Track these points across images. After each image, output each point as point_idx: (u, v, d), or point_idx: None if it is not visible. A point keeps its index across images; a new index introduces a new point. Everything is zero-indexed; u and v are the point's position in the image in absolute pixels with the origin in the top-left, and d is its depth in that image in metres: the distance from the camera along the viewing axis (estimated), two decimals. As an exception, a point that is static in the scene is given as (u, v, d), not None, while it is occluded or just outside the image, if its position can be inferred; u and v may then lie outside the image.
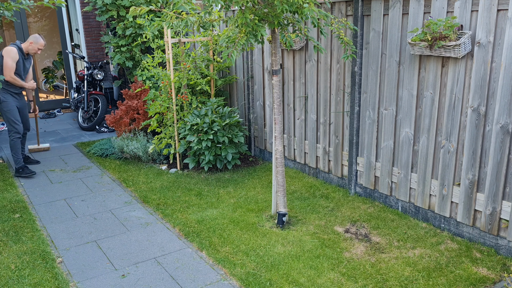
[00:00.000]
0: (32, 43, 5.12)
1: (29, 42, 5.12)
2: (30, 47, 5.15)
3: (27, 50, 5.17)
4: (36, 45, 5.15)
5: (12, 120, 5.12)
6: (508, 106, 3.12)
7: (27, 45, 5.15)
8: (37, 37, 5.17)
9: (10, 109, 5.10)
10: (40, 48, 5.18)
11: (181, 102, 5.34)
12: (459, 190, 3.54)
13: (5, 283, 3.08)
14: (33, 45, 5.14)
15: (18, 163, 5.19)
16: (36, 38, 5.17)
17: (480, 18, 3.17)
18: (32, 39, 5.16)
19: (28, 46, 5.15)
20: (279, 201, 3.83)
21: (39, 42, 5.17)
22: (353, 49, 3.60)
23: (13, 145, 5.17)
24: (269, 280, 3.08)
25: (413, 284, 3.00)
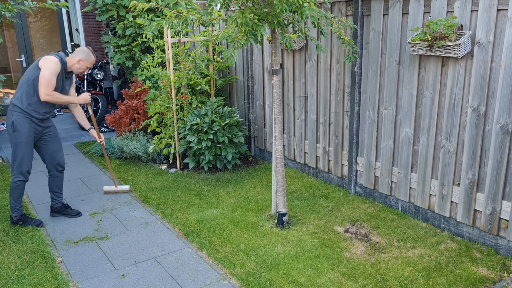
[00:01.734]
0: (81, 61, 3.77)
1: (77, 59, 3.76)
2: (77, 66, 3.79)
3: (72, 68, 3.80)
4: (86, 63, 3.82)
5: (21, 158, 3.71)
6: (508, 106, 3.12)
7: (74, 62, 3.77)
8: (87, 52, 3.82)
9: (22, 143, 3.68)
10: (89, 67, 3.88)
11: (181, 102, 5.34)
12: (459, 190, 3.54)
13: (5, 283, 3.08)
14: (82, 64, 3.80)
15: (16, 211, 3.87)
16: (86, 54, 3.80)
17: (480, 18, 3.17)
18: (81, 55, 3.78)
19: (74, 64, 3.78)
20: (279, 201, 3.83)
21: (89, 59, 3.83)
22: (354, 49, 3.60)
23: (15, 188, 3.81)
24: (269, 280, 3.08)
25: (413, 284, 3.00)
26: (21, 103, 3.67)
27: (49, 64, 3.61)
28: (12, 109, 3.69)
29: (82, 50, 3.82)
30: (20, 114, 3.66)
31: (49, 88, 3.61)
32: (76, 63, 3.78)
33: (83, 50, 3.83)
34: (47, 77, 3.59)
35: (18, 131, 3.67)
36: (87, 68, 3.86)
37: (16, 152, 3.71)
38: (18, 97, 3.67)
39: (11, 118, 3.68)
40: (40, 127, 3.80)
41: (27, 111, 3.67)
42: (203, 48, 5.67)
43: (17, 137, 3.68)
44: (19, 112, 3.67)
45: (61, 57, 3.70)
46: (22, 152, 3.71)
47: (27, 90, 3.65)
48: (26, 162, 3.75)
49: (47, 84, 3.59)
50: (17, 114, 3.66)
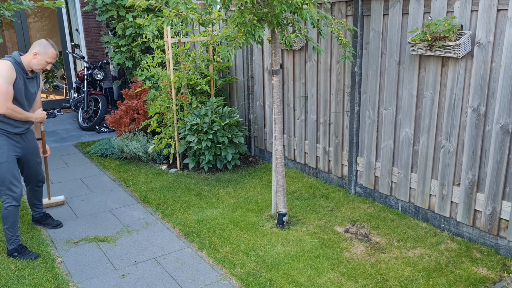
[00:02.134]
0: (37, 54, 3.27)
1: (32, 53, 3.27)
2: (35, 61, 3.29)
3: (30, 65, 3.29)
4: (44, 56, 3.30)
5: (9, 179, 3.28)
6: (508, 106, 3.12)
7: (30, 57, 3.28)
8: (44, 44, 3.33)
9: (4, 162, 3.25)
10: (49, 61, 3.35)
11: (181, 102, 5.34)
12: (459, 190, 3.54)
13: (5, 283, 3.08)
14: (39, 58, 3.29)
15: (13, 243, 3.40)
16: (42, 46, 3.31)
17: (480, 18, 3.17)
18: (37, 47, 3.30)
19: (31, 60, 3.28)
20: (279, 201, 3.83)
21: (48, 52, 3.32)
22: (351, 51, 3.60)
23: (7, 216, 3.34)
24: (269, 280, 3.08)
25: (413, 284, 3.00)
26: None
27: (0, 71, 3.12)
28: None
29: (38, 42, 3.33)
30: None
31: (8, 100, 3.15)
32: (33, 58, 3.28)
33: (40, 42, 3.32)
34: (2, 88, 3.11)
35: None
36: (47, 63, 3.34)
37: (1, 175, 3.26)
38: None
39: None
40: (19, 143, 3.39)
41: (2, 128, 3.26)
42: (203, 48, 5.67)
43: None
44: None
45: (14, 58, 3.23)
46: (6, 172, 3.26)
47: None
48: (14, 183, 3.30)
49: (5, 97, 3.12)
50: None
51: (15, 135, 3.35)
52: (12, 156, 3.31)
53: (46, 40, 3.34)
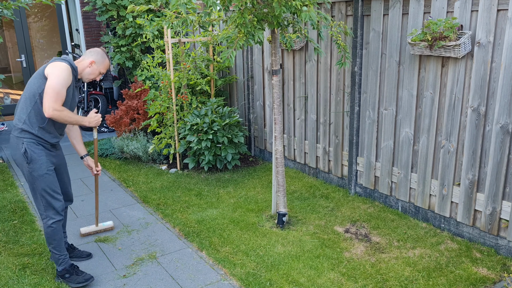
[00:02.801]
0: (93, 63, 3.02)
1: (88, 61, 3.00)
2: (89, 70, 3.02)
3: (82, 73, 3.02)
4: (100, 66, 3.07)
5: (49, 193, 2.91)
6: (508, 106, 3.12)
7: (84, 65, 3.00)
8: (101, 53, 3.07)
9: (45, 175, 2.88)
10: (102, 72, 3.12)
11: (181, 102, 5.34)
12: (459, 190, 3.54)
13: (5, 283, 3.08)
14: (94, 67, 3.04)
15: (63, 263, 3.06)
16: (100, 56, 3.06)
17: (480, 18, 3.17)
18: (95, 56, 3.04)
19: (85, 68, 3.01)
20: (279, 201, 3.83)
21: (104, 62, 3.09)
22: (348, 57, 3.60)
23: (52, 234, 2.98)
24: (269, 280, 3.08)
25: (413, 284, 3.00)
26: (31, 126, 2.84)
27: (58, 71, 2.78)
28: (19, 135, 2.85)
29: (95, 51, 3.06)
30: (31, 141, 2.85)
31: (58, 102, 2.76)
32: (88, 67, 3.00)
33: (96, 51, 3.06)
34: (56, 87, 2.75)
35: (35, 162, 2.85)
36: (100, 73, 3.09)
37: (38, 189, 2.88)
38: (25, 119, 2.84)
39: (20, 147, 2.84)
40: (53, 156, 3.02)
41: (40, 136, 2.87)
42: (203, 48, 5.67)
43: (35, 169, 2.85)
44: (30, 139, 2.85)
45: (70, 63, 2.88)
46: (47, 185, 2.90)
47: (35, 109, 2.83)
48: (56, 196, 2.94)
49: (56, 97, 2.75)
50: (28, 141, 2.84)
51: (52, 146, 3.00)
52: (51, 167, 2.95)
53: (102, 50, 3.10)
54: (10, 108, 8.49)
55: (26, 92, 2.86)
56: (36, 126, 2.85)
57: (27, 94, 2.85)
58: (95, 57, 3.03)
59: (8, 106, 8.53)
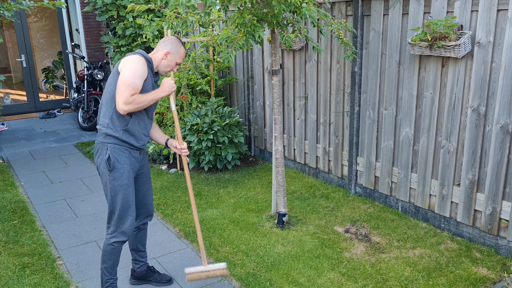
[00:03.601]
0: (168, 53, 2.67)
1: (163, 52, 2.66)
2: (165, 62, 2.68)
3: (159, 67, 2.70)
4: (175, 57, 2.70)
5: (123, 207, 2.65)
6: (508, 106, 3.12)
7: (160, 57, 2.68)
8: (176, 42, 2.70)
9: (123, 185, 2.63)
10: (179, 63, 2.74)
11: (181, 102, 5.34)
12: (459, 190, 3.54)
13: (5, 283, 3.08)
14: (170, 58, 2.69)
15: (110, 286, 2.77)
16: (175, 45, 2.69)
17: (480, 18, 3.17)
18: (169, 46, 2.68)
19: (161, 60, 2.68)
20: (279, 201, 3.83)
21: (180, 52, 2.71)
22: (353, 50, 3.60)
23: (110, 253, 2.71)
24: (269, 280, 3.08)
25: (413, 284, 3.00)
26: (114, 129, 2.59)
27: (130, 63, 2.52)
28: (104, 140, 2.62)
29: (168, 40, 2.69)
30: (116, 146, 2.60)
31: (128, 92, 2.47)
32: (163, 58, 2.67)
33: (171, 40, 2.69)
34: (128, 80, 2.47)
35: (117, 170, 2.60)
36: (176, 65, 2.72)
37: (115, 200, 2.62)
38: (108, 122, 2.60)
39: (104, 153, 2.61)
40: (138, 162, 2.74)
41: (125, 140, 2.61)
42: (203, 48, 5.67)
43: (116, 178, 2.60)
44: (115, 144, 2.60)
45: (143, 54, 2.62)
46: (125, 198, 2.63)
47: (116, 111, 2.57)
48: (131, 213, 2.67)
49: (128, 90, 2.46)
50: (113, 147, 2.60)
51: (137, 150, 2.71)
52: (132, 177, 2.67)
53: (176, 38, 2.71)
54: (10, 108, 8.49)
55: (106, 94, 2.61)
56: (120, 129, 2.59)
57: (107, 96, 2.61)
58: (170, 47, 2.67)
59: (8, 106, 8.52)
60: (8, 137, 6.98)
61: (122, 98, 2.46)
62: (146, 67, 2.58)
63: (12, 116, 8.38)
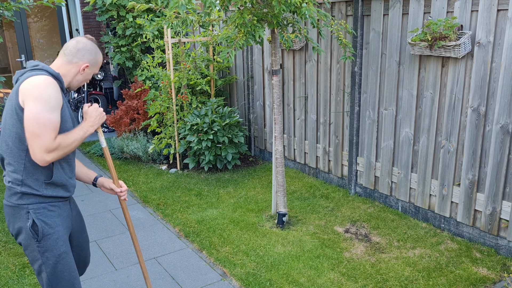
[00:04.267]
0: (87, 67, 2.06)
1: (79, 66, 2.03)
2: (81, 77, 2.08)
3: (71, 84, 2.07)
4: (94, 68, 2.10)
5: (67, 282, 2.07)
6: (508, 106, 3.12)
7: (73, 72, 2.04)
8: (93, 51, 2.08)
9: (62, 255, 2.04)
10: (96, 73, 2.20)
11: (181, 102, 5.34)
12: (459, 190, 3.54)
13: (5, 283, 3.08)
14: (88, 72, 2.09)
15: None
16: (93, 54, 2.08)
17: (480, 18, 3.17)
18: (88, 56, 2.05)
19: (74, 75, 2.05)
20: (279, 201, 3.83)
21: (98, 62, 2.12)
22: (351, 51, 3.60)
23: None
24: (269, 280, 3.08)
25: (413, 284, 3.00)
26: (34, 185, 1.93)
27: (38, 91, 1.82)
28: (20, 202, 1.94)
29: (83, 46, 2.02)
30: (41, 206, 1.96)
31: (50, 137, 1.84)
32: (79, 73, 2.04)
33: (86, 47, 2.03)
34: (42, 116, 1.81)
35: (48, 238, 1.97)
36: (91, 75, 2.14)
37: (54, 279, 2.02)
38: (20, 178, 1.92)
39: (24, 218, 1.95)
40: (70, 216, 2.13)
41: (51, 195, 1.98)
42: (203, 48, 5.67)
43: (48, 248, 1.98)
44: (38, 203, 1.96)
45: (50, 72, 1.92)
46: (67, 271, 2.06)
47: (31, 160, 1.90)
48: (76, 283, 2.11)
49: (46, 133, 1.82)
50: (37, 208, 1.95)
51: (66, 201, 2.09)
52: (67, 241, 2.08)
53: (91, 42, 2.07)
54: (10, 108, 8.47)
55: (6, 136, 1.90)
56: (42, 184, 1.94)
57: (9, 141, 1.90)
58: (88, 57, 2.04)
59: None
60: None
61: (42, 145, 1.80)
62: (59, 90, 1.89)
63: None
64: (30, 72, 1.89)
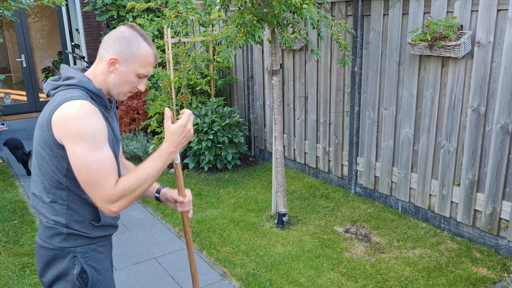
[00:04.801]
0: (115, 61, 1.52)
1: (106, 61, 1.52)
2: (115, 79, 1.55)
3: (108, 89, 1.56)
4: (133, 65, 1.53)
5: None
6: (508, 106, 3.12)
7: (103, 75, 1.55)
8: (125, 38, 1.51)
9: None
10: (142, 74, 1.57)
11: (181, 102, 5.34)
12: (459, 190, 3.54)
13: (5, 283, 3.08)
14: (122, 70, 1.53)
15: None
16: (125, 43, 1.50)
17: (480, 18, 3.17)
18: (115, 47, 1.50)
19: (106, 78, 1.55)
20: (279, 201, 3.83)
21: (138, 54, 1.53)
22: (349, 55, 3.60)
23: None
24: (269, 280, 3.08)
25: (413, 284, 3.00)
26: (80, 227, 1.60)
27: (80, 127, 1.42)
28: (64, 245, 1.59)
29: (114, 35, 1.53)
30: (90, 248, 1.63)
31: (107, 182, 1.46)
32: (109, 72, 1.54)
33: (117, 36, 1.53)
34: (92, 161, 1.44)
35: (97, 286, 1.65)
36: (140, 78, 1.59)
37: None
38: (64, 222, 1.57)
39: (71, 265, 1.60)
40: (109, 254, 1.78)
41: (99, 236, 1.66)
42: (203, 48, 5.67)
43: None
44: (88, 245, 1.63)
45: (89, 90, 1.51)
46: None
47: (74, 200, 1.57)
48: None
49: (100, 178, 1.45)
50: (85, 251, 1.62)
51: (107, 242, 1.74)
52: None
53: (130, 30, 1.54)
54: (10, 108, 8.49)
55: (40, 175, 1.55)
56: (89, 225, 1.61)
57: (45, 180, 1.54)
58: (116, 48, 1.52)
59: (8, 106, 8.52)
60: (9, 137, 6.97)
61: (102, 195, 1.46)
62: (100, 115, 1.49)
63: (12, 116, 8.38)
64: (63, 92, 1.48)
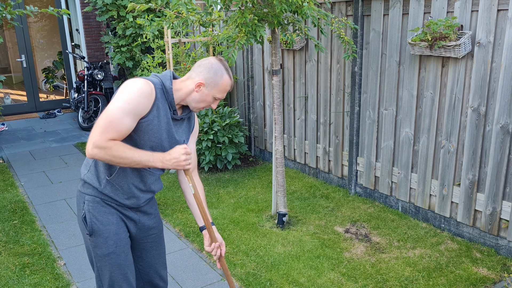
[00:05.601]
0: (202, 85, 1.87)
1: (194, 82, 1.88)
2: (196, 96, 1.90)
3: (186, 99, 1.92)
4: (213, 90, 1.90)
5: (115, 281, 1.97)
6: (508, 106, 3.12)
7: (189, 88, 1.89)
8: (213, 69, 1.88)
9: (111, 255, 1.93)
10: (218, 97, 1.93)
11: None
12: (459, 190, 3.54)
13: (5, 283, 3.08)
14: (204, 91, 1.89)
15: None
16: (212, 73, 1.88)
17: (480, 18, 3.17)
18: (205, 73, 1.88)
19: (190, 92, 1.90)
20: (279, 201, 3.83)
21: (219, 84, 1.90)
22: (353, 48, 3.60)
23: None
24: (269, 280, 3.08)
25: (413, 284, 3.00)
26: (96, 177, 1.90)
27: (127, 90, 1.75)
28: (81, 189, 1.95)
29: (205, 64, 1.88)
30: (96, 201, 1.90)
31: (107, 134, 1.72)
32: (195, 91, 1.87)
33: (208, 65, 1.88)
34: (111, 114, 1.72)
35: (98, 235, 1.90)
36: (215, 100, 1.92)
37: (102, 274, 1.96)
38: (90, 164, 1.94)
39: (81, 207, 1.94)
40: (133, 221, 2.01)
41: (106, 194, 1.90)
42: (204, 48, 5.67)
43: (98, 245, 1.92)
44: (94, 197, 1.90)
45: (162, 80, 1.85)
46: (114, 273, 1.94)
47: None
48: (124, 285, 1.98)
49: (105, 128, 1.72)
50: (91, 201, 1.90)
51: (130, 209, 1.98)
52: (124, 242, 1.96)
53: (218, 62, 1.88)
54: (10, 108, 8.49)
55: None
56: (104, 179, 1.88)
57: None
58: (205, 75, 1.86)
59: (9, 106, 8.52)
60: (8, 137, 6.98)
61: (95, 137, 1.72)
62: (150, 98, 1.78)
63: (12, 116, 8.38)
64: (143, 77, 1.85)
